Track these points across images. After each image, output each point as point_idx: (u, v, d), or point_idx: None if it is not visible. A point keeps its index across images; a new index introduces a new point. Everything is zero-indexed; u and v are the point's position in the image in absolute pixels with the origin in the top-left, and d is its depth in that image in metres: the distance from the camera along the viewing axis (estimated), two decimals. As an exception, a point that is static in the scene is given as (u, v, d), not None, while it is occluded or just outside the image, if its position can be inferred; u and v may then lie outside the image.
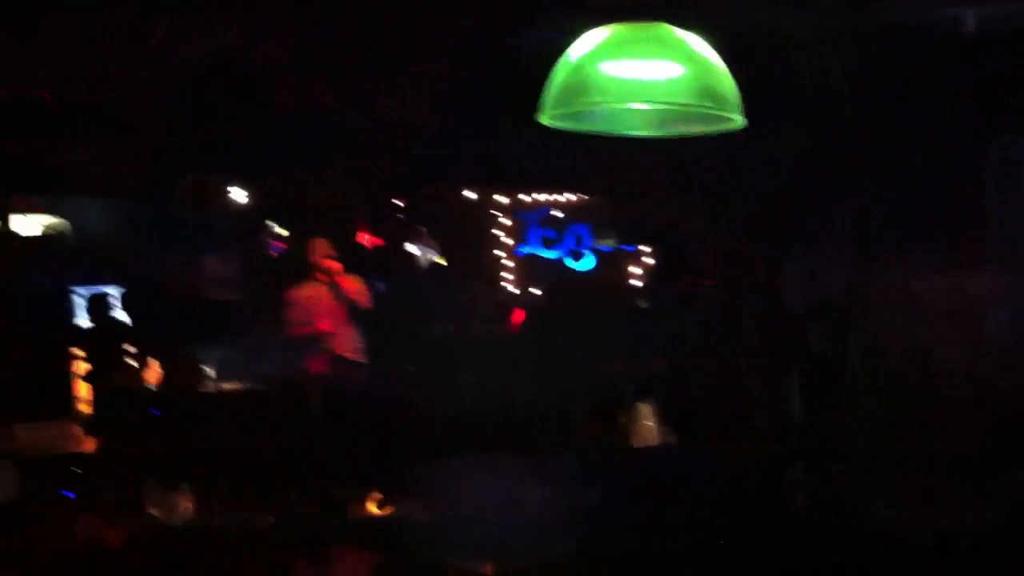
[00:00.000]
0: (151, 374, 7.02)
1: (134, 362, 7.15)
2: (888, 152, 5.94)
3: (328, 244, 8.14)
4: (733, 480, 5.46)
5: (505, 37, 5.75)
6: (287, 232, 12.03)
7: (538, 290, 9.59)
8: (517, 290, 9.60)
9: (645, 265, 9.37)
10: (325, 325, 7.75)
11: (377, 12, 5.54)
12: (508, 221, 9.65)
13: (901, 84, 5.63)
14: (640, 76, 2.53)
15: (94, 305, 8.08)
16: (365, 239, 9.72)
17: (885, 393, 6.16)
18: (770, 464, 6.11)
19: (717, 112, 2.58)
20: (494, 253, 9.62)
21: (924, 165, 5.92)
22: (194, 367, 7.15)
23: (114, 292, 8.66)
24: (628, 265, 9.40)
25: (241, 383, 8.29)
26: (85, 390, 6.71)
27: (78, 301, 8.00)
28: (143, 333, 8.07)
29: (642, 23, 2.53)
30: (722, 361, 7.17)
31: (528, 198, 9.63)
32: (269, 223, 12.20)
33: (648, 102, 2.62)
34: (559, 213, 9.53)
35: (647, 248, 9.37)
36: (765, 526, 5.17)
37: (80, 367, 6.87)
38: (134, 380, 6.92)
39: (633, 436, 7.30)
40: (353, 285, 7.87)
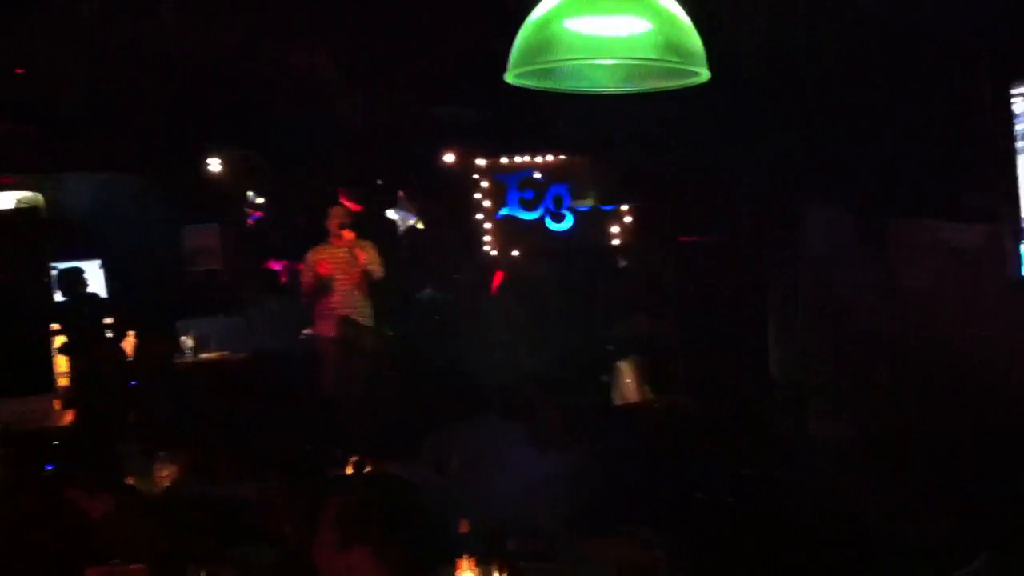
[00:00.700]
0: (127, 345, 7.00)
1: (111, 334, 7.13)
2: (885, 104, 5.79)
3: (346, 212, 8.14)
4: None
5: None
6: (262, 200, 12.00)
7: (517, 252, 9.58)
8: (496, 252, 9.59)
9: (625, 224, 9.36)
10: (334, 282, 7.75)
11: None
12: (487, 183, 9.61)
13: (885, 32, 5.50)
14: (605, 32, 2.51)
15: (66, 280, 8.03)
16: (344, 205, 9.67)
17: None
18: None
19: (683, 67, 2.56)
20: (475, 218, 9.60)
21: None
22: (170, 338, 7.14)
23: (90, 266, 8.60)
24: (609, 225, 9.38)
25: (232, 352, 8.30)
26: (64, 364, 6.68)
27: (53, 276, 7.95)
28: (120, 306, 8.04)
29: (606, -22, 2.50)
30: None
31: (507, 160, 9.58)
32: (248, 193, 12.14)
33: (613, 58, 2.59)
34: (538, 175, 9.48)
35: (626, 207, 9.35)
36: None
37: (57, 341, 6.84)
38: (111, 352, 6.91)
39: (615, 394, 7.32)
40: (368, 254, 7.87)
